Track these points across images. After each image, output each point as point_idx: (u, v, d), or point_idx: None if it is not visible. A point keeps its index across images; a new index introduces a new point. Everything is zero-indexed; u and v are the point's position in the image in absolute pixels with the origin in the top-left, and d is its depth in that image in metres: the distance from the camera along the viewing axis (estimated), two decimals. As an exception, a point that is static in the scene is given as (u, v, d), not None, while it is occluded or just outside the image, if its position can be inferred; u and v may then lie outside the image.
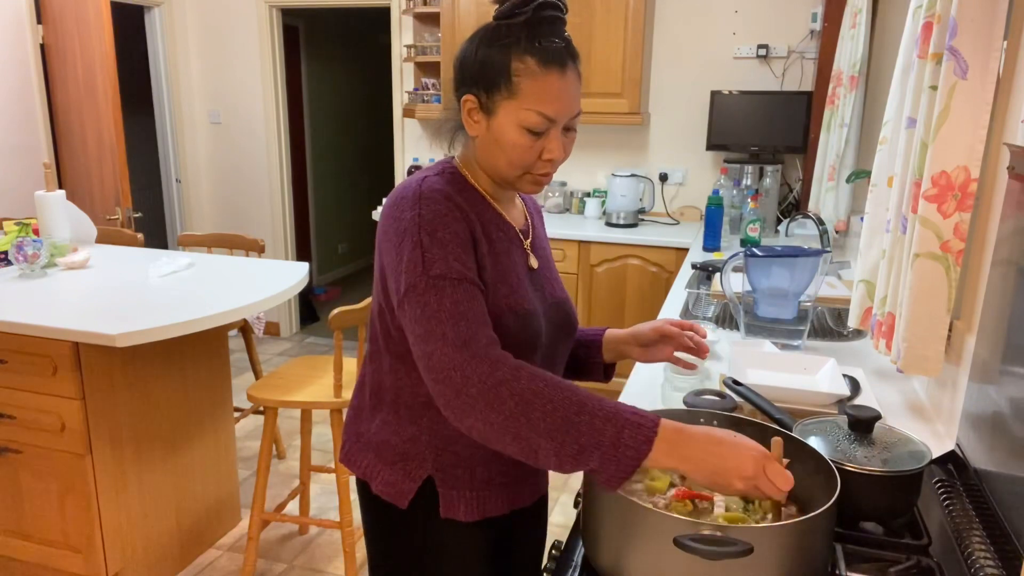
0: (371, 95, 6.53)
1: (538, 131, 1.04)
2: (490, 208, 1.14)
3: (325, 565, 2.62)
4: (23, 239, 2.53)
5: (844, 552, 0.96)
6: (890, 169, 1.56)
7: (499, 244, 1.12)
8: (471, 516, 1.16)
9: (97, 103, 3.55)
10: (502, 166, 1.09)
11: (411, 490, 1.15)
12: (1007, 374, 1.07)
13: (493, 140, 1.07)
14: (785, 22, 3.67)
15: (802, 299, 1.84)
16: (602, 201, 3.97)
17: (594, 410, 0.90)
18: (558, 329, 1.20)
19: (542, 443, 0.90)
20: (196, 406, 2.59)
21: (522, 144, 1.05)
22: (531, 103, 1.03)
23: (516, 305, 1.09)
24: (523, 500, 1.22)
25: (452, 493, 1.15)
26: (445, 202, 1.04)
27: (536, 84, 1.02)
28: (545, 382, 0.92)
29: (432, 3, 4.03)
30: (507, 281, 1.10)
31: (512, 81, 1.03)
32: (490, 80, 1.04)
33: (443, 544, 1.18)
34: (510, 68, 1.03)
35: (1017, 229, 1.10)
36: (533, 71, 1.02)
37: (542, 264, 1.22)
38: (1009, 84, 1.27)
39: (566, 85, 1.04)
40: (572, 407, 0.90)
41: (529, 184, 1.11)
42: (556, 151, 1.06)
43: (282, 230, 4.84)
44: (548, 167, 1.09)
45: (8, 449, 2.26)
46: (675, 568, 0.82)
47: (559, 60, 1.03)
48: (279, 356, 4.66)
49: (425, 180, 1.08)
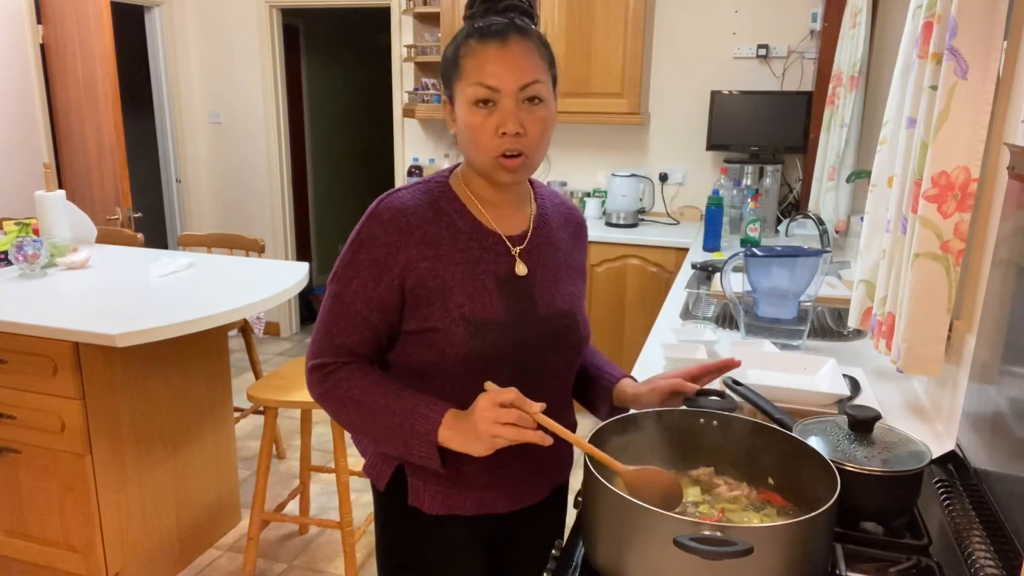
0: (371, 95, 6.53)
1: (484, 100, 1.06)
2: (467, 217, 1.15)
3: (325, 565, 2.62)
4: (23, 239, 2.53)
5: (844, 552, 0.96)
6: (890, 169, 1.56)
7: (463, 253, 1.12)
8: (435, 510, 1.19)
9: (97, 103, 3.55)
10: (472, 154, 1.11)
11: (386, 473, 1.22)
12: (1007, 374, 1.07)
13: (460, 130, 1.11)
14: (785, 22, 3.67)
15: (802, 299, 1.84)
16: (602, 201, 3.97)
17: (394, 407, 1.09)
18: (548, 342, 1.17)
19: (367, 437, 1.13)
20: (196, 406, 2.59)
21: (475, 122, 1.07)
22: (472, 76, 1.07)
23: (471, 314, 1.10)
24: (497, 507, 1.21)
25: (419, 483, 1.19)
26: (388, 223, 1.10)
27: (475, 59, 1.07)
28: (361, 389, 1.11)
29: (432, 3, 4.03)
30: (464, 289, 1.11)
31: (459, 65, 1.09)
32: (448, 73, 1.11)
33: (415, 532, 1.23)
34: (458, 54, 1.09)
35: (1017, 229, 1.10)
36: (473, 49, 1.08)
37: (539, 273, 1.18)
38: (1009, 84, 1.27)
39: (508, 54, 1.06)
40: (378, 408, 1.10)
41: (499, 170, 1.09)
42: (508, 123, 1.05)
43: (282, 230, 4.85)
44: (508, 144, 1.07)
45: (8, 449, 2.26)
46: (675, 568, 0.82)
47: (498, 33, 1.07)
48: (279, 356, 4.66)
49: (389, 196, 1.14)
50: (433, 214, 1.13)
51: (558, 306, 1.19)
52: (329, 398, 1.13)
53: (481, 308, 1.11)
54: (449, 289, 1.11)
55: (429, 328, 1.11)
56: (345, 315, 1.12)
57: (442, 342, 1.10)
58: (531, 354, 1.15)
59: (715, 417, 1.09)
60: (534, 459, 1.21)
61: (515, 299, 1.14)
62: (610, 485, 0.88)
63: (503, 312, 1.12)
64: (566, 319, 1.19)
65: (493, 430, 0.99)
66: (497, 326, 1.11)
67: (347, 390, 1.11)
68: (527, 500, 1.24)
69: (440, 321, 1.10)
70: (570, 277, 1.24)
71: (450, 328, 1.10)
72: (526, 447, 1.17)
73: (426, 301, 1.11)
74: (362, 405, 1.10)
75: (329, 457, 3.33)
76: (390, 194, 1.15)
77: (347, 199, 6.46)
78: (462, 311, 1.10)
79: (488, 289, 1.12)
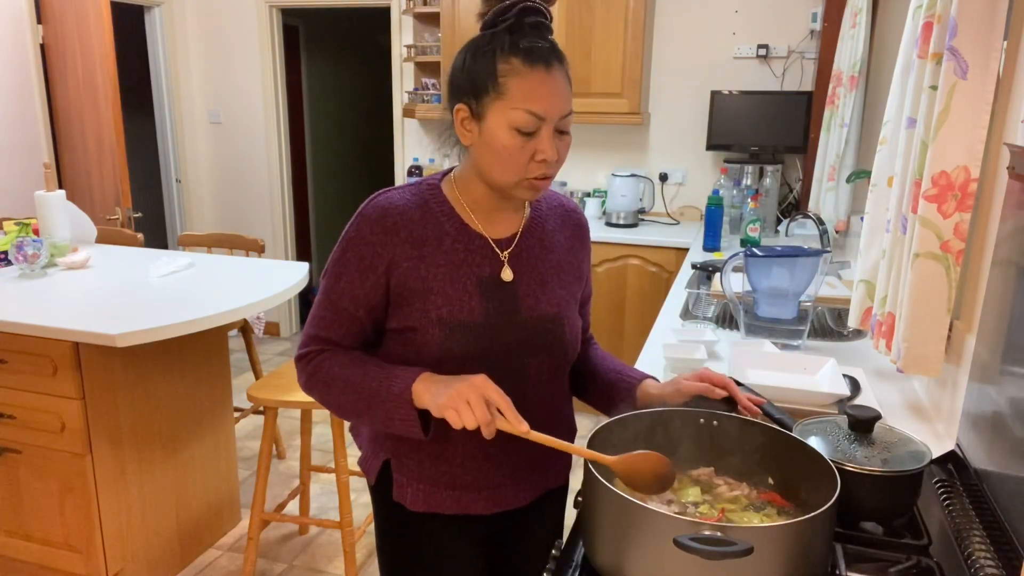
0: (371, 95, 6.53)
1: (528, 131, 1.05)
2: (455, 220, 1.15)
3: (325, 565, 2.62)
4: (23, 239, 2.53)
5: (844, 552, 0.96)
6: (890, 169, 1.56)
7: (446, 255, 1.13)
8: (416, 507, 1.21)
9: (97, 103, 3.55)
10: (496, 172, 1.09)
11: (375, 467, 1.25)
12: (1007, 374, 1.07)
13: (485, 146, 1.08)
14: (785, 22, 3.67)
15: (802, 299, 1.84)
16: (602, 201, 3.97)
17: (372, 374, 1.11)
18: (529, 345, 1.16)
19: (354, 415, 1.14)
20: (196, 406, 2.59)
21: (513, 146, 1.05)
22: (519, 102, 1.04)
23: (448, 316, 1.11)
24: (476, 508, 1.21)
25: (403, 480, 1.22)
26: (375, 223, 1.12)
27: (523, 82, 1.04)
28: (341, 364, 1.14)
29: (432, 3, 4.03)
30: (444, 291, 1.12)
31: (499, 82, 1.04)
32: (479, 86, 1.06)
33: (403, 527, 1.24)
34: (496, 70, 1.04)
35: (1017, 229, 1.10)
36: (519, 70, 1.04)
37: (527, 277, 1.17)
38: (1009, 84, 1.27)
39: (554, 83, 1.05)
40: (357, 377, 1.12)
41: (525, 190, 1.10)
42: (548, 151, 1.06)
43: (282, 230, 4.84)
44: (542, 169, 1.08)
45: (8, 449, 2.26)
46: (675, 568, 0.82)
47: (544, 59, 1.05)
48: (279, 356, 4.66)
49: (378, 196, 1.16)
50: (421, 215, 1.14)
51: (543, 309, 1.18)
52: (315, 382, 1.16)
53: (459, 310, 1.12)
54: (429, 290, 1.12)
55: (407, 327, 1.13)
56: (333, 310, 1.15)
57: (419, 341, 1.12)
58: (510, 357, 1.15)
59: (715, 417, 1.09)
60: (515, 464, 1.22)
61: (497, 302, 1.14)
62: (610, 485, 0.88)
63: (482, 315, 1.13)
64: (550, 323, 1.18)
65: (469, 398, 1.00)
66: (474, 328, 1.12)
67: (328, 368, 1.14)
68: (509, 503, 1.24)
69: (418, 321, 1.12)
70: (561, 280, 1.22)
71: (426, 328, 1.11)
72: (508, 452, 1.19)
73: (407, 300, 1.12)
74: (343, 380, 1.12)
75: (329, 457, 3.33)
76: (379, 194, 1.16)
77: (347, 199, 6.46)
78: (440, 312, 1.11)
79: (469, 291, 1.13)
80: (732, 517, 0.97)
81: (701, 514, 0.98)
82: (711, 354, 1.79)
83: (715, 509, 0.99)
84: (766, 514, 0.99)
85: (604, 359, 1.34)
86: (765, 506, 1.00)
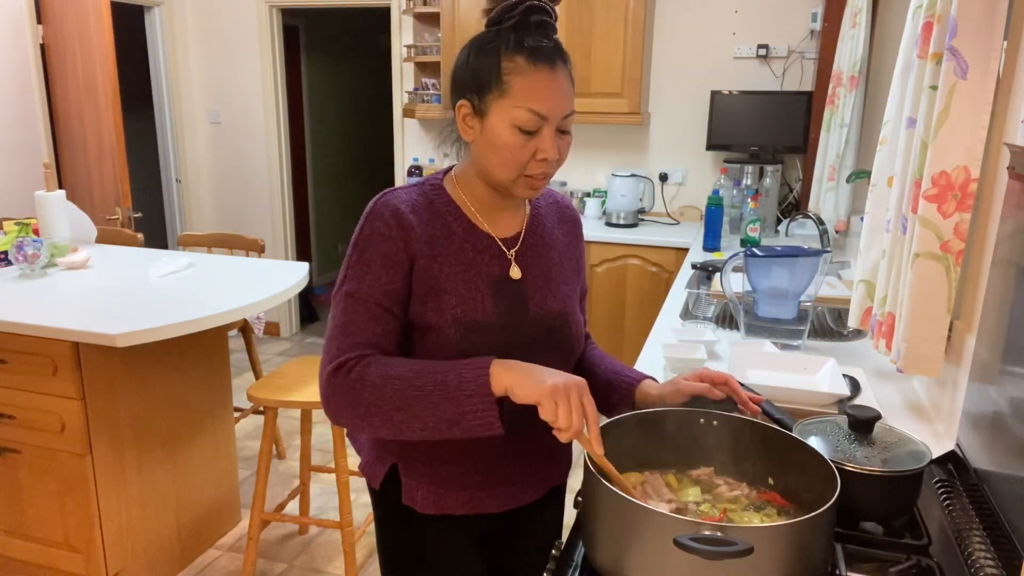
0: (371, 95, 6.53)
1: (530, 129, 1.05)
2: (462, 219, 1.15)
3: (325, 565, 2.62)
4: (23, 239, 2.53)
5: (844, 552, 0.96)
6: (890, 169, 1.56)
7: (457, 255, 1.13)
8: (427, 509, 1.20)
9: (97, 103, 3.55)
10: (496, 169, 1.09)
11: (380, 472, 1.23)
12: (1007, 374, 1.07)
13: (487, 143, 1.08)
14: (785, 22, 3.67)
15: (802, 299, 1.84)
16: (602, 201, 3.97)
17: (435, 368, 1.02)
18: (540, 342, 1.17)
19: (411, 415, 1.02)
20: (196, 406, 2.59)
21: (514, 144, 1.06)
22: (522, 100, 1.04)
23: (463, 316, 1.11)
24: (487, 507, 1.22)
25: (412, 483, 1.21)
26: (390, 219, 1.10)
27: (526, 81, 1.04)
28: (394, 365, 1.04)
29: (432, 3, 4.03)
30: (457, 291, 1.11)
31: (503, 80, 1.05)
32: (482, 82, 1.06)
33: (410, 530, 1.24)
34: (500, 67, 1.05)
35: (1017, 229, 1.10)
36: (523, 68, 1.04)
37: (533, 275, 1.18)
38: (1009, 84, 1.27)
39: (557, 82, 1.05)
40: (417, 373, 1.02)
41: (524, 188, 1.11)
42: (549, 150, 1.06)
43: (282, 230, 4.84)
44: (542, 167, 1.08)
45: (8, 449, 2.26)
46: (675, 568, 0.82)
47: (548, 58, 1.05)
48: (279, 356, 4.66)
49: (386, 195, 1.14)
50: (429, 215, 1.14)
51: (550, 306, 1.19)
52: (360, 387, 1.03)
53: (473, 310, 1.12)
54: (443, 290, 1.11)
55: (422, 325, 1.12)
56: (363, 310, 1.08)
57: (434, 340, 1.11)
58: (522, 355, 1.14)
59: (715, 417, 1.09)
60: (523, 460, 1.22)
61: (507, 300, 1.15)
62: (610, 485, 0.88)
63: (494, 314, 1.13)
64: (557, 319, 1.20)
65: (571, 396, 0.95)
66: (487, 327, 1.12)
67: (382, 367, 1.04)
68: (518, 500, 1.25)
69: (434, 320, 1.11)
70: (564, 276, 1.24)
71: (442, 328, 1.10)
72: (518, 450, 1.18)
73: (422, 298, 1.11)
74: (401, 377, 1.02)
75: (329, 457, 3.33)
76: (386, 193, 1.15)
77: (347, 199, 6.46)
78: (454, 312, 1.11)
79: (481, 291, 1.13)
80: (732, 517, 0.97)
81: (703, 514, 0.98)
82: (711, 354, 1.79)
83: (716, 509, 0.99)
84: (766, 514, 0.99)
85: (602, 359, 1.34)
86: (765, 506, 1.00)
